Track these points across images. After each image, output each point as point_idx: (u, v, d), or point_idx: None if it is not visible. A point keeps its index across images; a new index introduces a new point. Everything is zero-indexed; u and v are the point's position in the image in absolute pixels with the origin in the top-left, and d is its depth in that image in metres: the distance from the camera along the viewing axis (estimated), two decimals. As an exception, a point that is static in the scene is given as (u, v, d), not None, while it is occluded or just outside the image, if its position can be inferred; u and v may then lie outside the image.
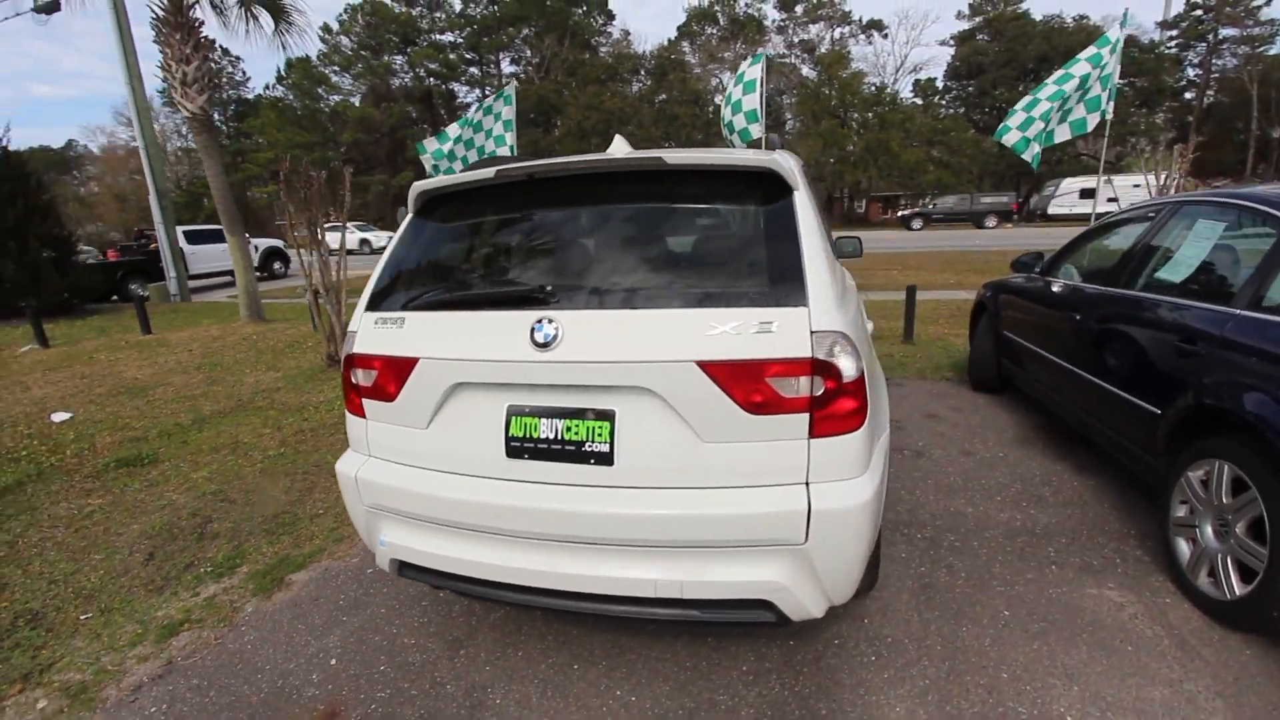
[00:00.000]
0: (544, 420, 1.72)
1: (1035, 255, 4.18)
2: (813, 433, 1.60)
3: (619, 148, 2.09)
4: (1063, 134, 6.66)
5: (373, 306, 1.96)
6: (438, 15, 51.54)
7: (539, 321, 1.68)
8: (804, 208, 1.76)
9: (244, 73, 54.75)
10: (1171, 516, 2.46)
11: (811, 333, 1.57)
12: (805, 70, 45.60)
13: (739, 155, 1.74)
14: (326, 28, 48.93)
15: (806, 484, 1.62)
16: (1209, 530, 2.29)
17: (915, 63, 66.39)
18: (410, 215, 2.07)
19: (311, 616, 2.45)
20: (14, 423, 5.09)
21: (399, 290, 1.96)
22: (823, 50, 44.33)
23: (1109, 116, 6.36)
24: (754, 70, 7.34)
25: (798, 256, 1.66)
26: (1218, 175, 23.56)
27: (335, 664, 2.18)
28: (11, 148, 12.00)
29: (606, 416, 1.67)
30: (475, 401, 1.78)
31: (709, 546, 1.62)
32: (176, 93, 9.04)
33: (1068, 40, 35.28)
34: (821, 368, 1.57)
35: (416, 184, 1.98)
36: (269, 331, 8.90)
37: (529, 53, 51.61)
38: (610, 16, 52.21)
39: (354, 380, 1.94)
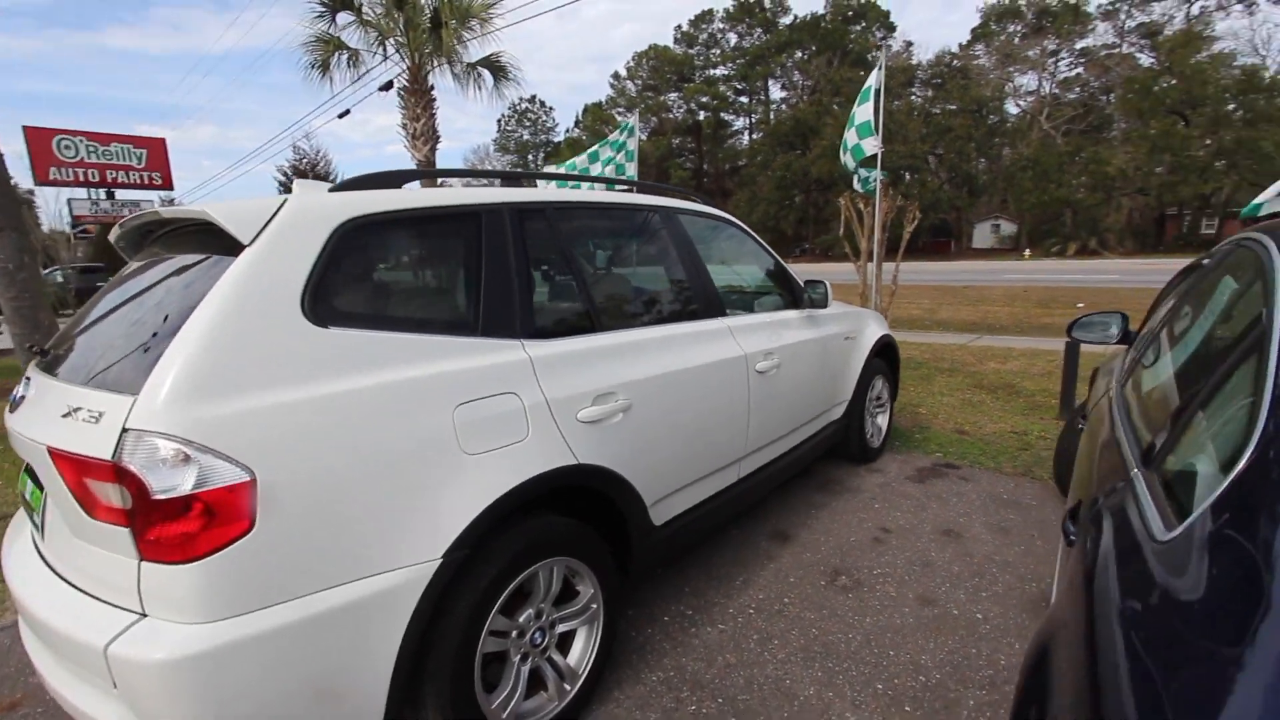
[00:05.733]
0: (30, 481, 1.68)
1: (1111, 317, 2.66)
2: (142, 554, 1.26)
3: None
4: None
5: None
6: (714, 52, 54.51)
7: (23, 379, 1.66)
8: (249, 269, 1.38)
9: (554, 119, 65.12)
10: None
11: (124, 429, 1.23)
12: (1144, 60, 36.76)
13: (184, 209, 1.51)
14: (616, 74, 55.49)
15: (145, 617, 1.28)
16: None
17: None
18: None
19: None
20: None
21: None
22: (1169, 32, 35.11)
23: None
24: (872, 77, 6.09)
25: (179, 330, 1.32)
26: None
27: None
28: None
29: (40, 485, 1.56)
30: None
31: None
32: (409, 144, 11.10)
33: None
34: (123, 475, 1.22)
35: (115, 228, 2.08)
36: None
37: (798, 76, 51.32)
38: (891, 29, 49.13)
39: None
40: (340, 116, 15.41)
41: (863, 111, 6.06)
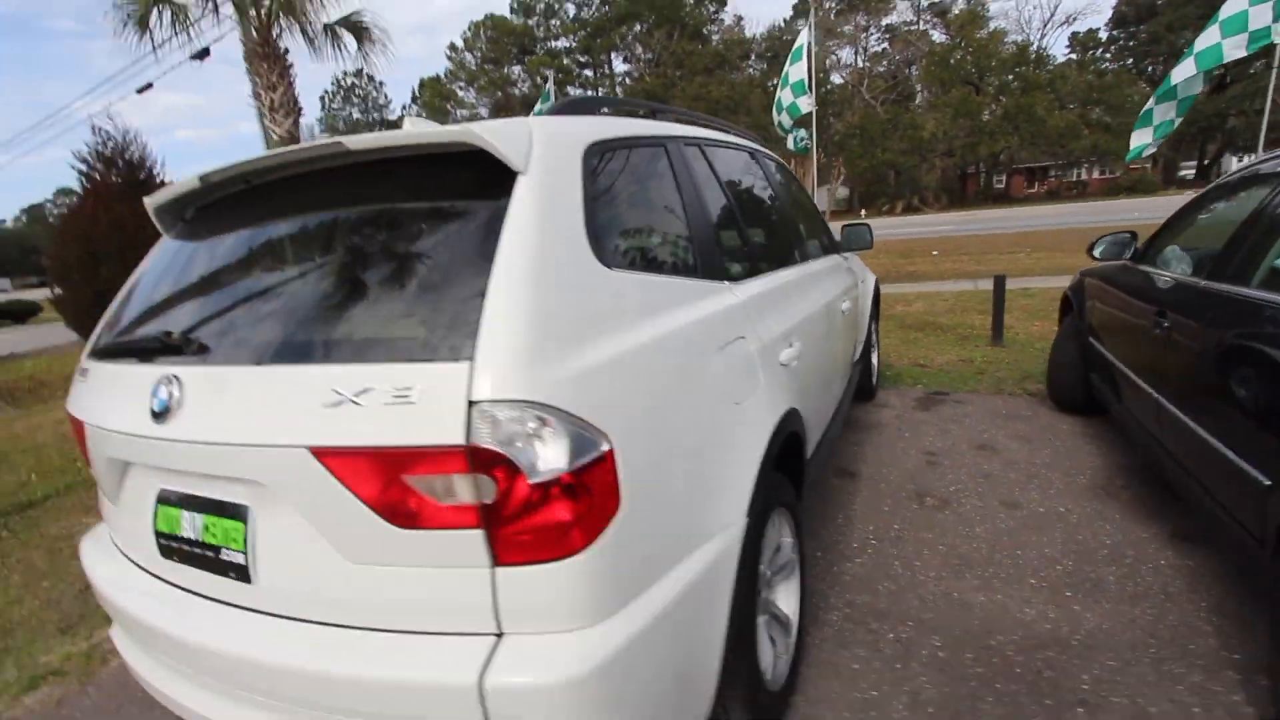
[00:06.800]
0: (185, 513, 1.26)
1: (1128, 235, 3.08)
2: (497, 559, 1.01)
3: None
4: (1184, 71, 5.07)
5: (87, 352, 1.61)
6: (553, 22, 53.26)
7: (158, 383, 1.23)
8: (533, 200, 1.14)
9: (386, 96, 60.10)
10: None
11: (470, 404, 0.98)
12: (936, 36, 41.62)
13: (429, 131, 1.17)
14: (453, 46, 52.36)
15: (502, 636, 1.03)
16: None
17: (1068, 13, 58.07)
18: (164, 236, 1.71)
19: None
20: None
21: (100, 332, 1.60)
22: (956, 12, 40.10)
23: (1275, 39, 4.70)
24: (802, 35, 6.39)
25: (484, 278, 1.05)
26: None
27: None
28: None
29: (238, 514, 1.18)
30: (139, 480, 1.37)
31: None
32: (266, 118, 9.72)
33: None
34: (486, 461, 0.98)
35: (146, 200, 1.62)
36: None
37: (640, 49, 51.82)
38: (722, 3, 51.02)
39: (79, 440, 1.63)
40: (140, 91, 13.10)
41: (796, 70, 6.30)
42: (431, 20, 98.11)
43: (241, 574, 1.18)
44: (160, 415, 1.21)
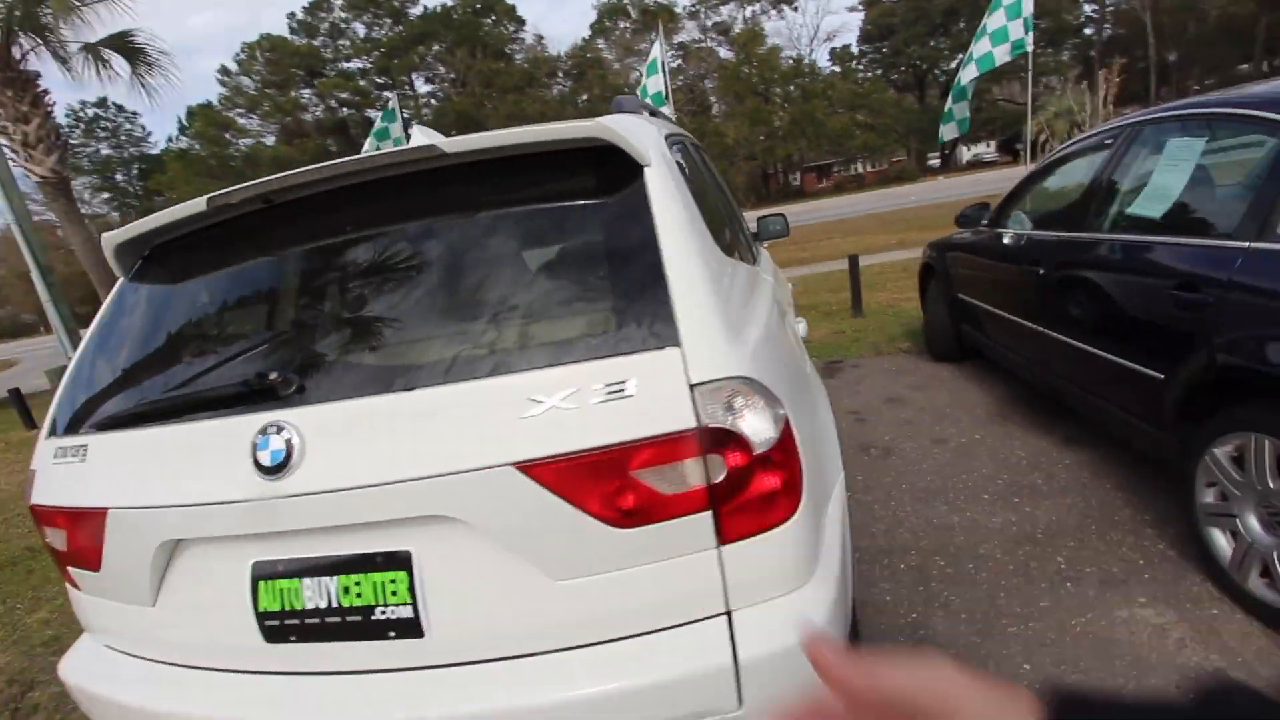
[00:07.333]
0: (308, 581, 1.10)
1: (981, 206, 3.74)
2: (723, 537, 1.04)
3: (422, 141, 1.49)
4: (969, 73, 6.32)
5: (55, 428, 1.31)
6: (342, 43, 49.83)
7: (262, 433, 1.07)
8: (664, 191, 1.19)
9: (144, 128, 51.79)
10: (1198, 503, 1.99)
11: (692, 386, 1.01)
12: (723, 53, 45.58)
13: (551, 129, 1.16)
14: (225, 70, 46.77)
15: (730, 615, 1.06)
16: (1253, 521, 1.82)
17: (829, 30, 67.01)
18: (121, 279, 1.43)
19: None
20: None
21: (91, 399, 1.32)
22: (737, 30, 44.34)
23: (1029, 48, 6.02)
24: (655, 48, 6.81)
25: (655, 266, 1.09)
26: (1130, 103, 24.14)
27: None
28: None
29: (400, 563, 1.06)
30: (207, 562, 1.17)
31: None
32: (20, 156, 8.03)
33: (970, -10, 35.88)
34: (714, 440, 1.01)
35: (106, 236, 1.35)
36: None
37: (443, 69, 50.37)
38: (520, 23, 51.32)
39: (48, 540, 1.31)
40: None
41: (653, 83, 6.62)
42: (189, 42, 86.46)
43: (407, 629, 1.07)
44: (274, 470, 1.04)
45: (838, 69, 42.53)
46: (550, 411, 0.99)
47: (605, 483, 0.99)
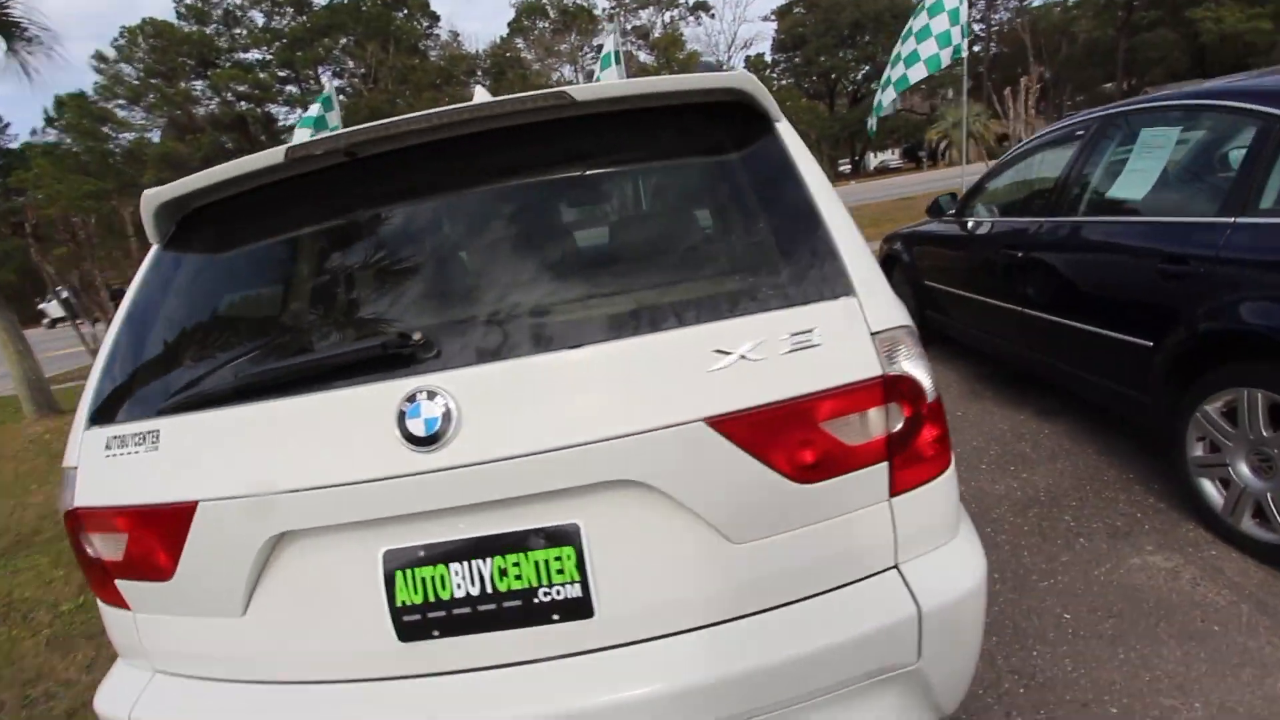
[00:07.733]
0: (455, 566, 1.00)
1: (951, 196, 3.97)
2: (894, 489, 1.05)
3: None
4: (918, 73, 6.71)
5: (102, 418, 1.13)
6: (238, 32, 46.54)
7: (411, 399, 0.97)
8: (798, 146, 1.19)
9: None
10: (1189, 457, 2.20)
11: (872, 335, 1.01)
12: (643, 57, 46.04)
13: (690, 79, 1.14)
14: (101, 55, 42.45)
15: (898, 568, 1.07)
16: (1244, 468, 2.03)
17: (745, 38, 69.11)
18: (156, 247, 1.27)
19: None
20: None
21: (150, 378, 1.15)
22: (656, 35, 44.95)
23: (964, 54, 6.47)
24: (608, 42, 6.78)
25: (814, 217, 1.09)
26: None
27: None
28: None
29: (566, 538, 0.99)
30: (320, 555, 1.04)
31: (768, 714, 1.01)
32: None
33: (876, 5, 38.13)
34: (895, 388, 1.01)
35: (149, 193, 1.18)
36: (66, 427, 7.14)
37: (352, 64, 48.03)
38: (435, 18, 49.81)
39: (91, 551, 1.13)
40: None
41: (608, 75, 6.56)
42: (48, 21, 77.75)
43: (575, 610, 1.00)
44: (427, 441, 0.95)
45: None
46: (739, 363, 0.96)
47: (793, 436, 0.98)
